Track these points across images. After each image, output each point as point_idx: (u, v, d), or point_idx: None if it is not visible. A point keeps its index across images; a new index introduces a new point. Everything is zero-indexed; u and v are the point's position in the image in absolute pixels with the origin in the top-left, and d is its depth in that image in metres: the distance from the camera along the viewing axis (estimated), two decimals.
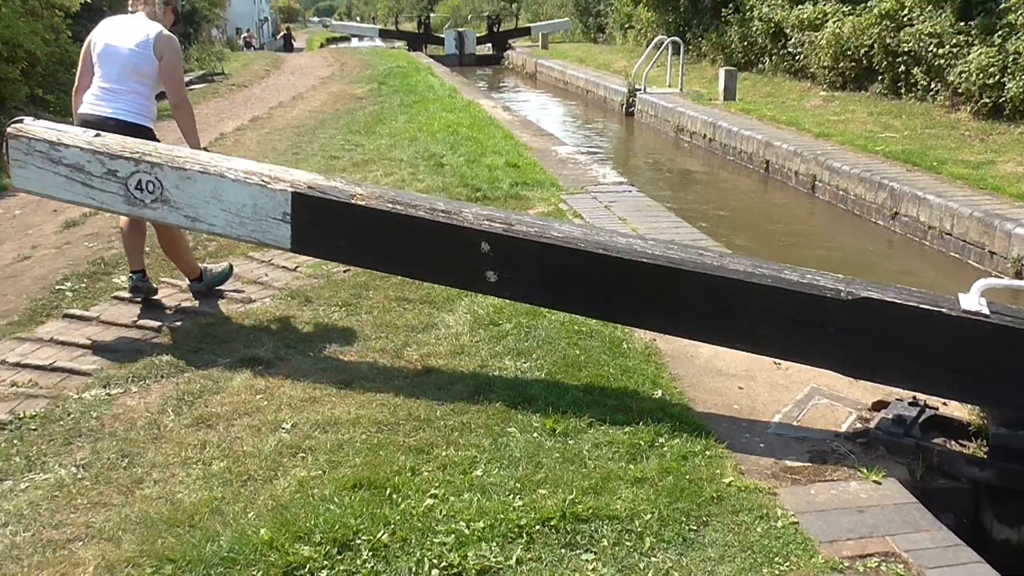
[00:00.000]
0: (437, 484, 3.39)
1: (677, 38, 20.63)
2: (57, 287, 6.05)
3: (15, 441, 3.94)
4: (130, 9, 5.40)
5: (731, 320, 3.84)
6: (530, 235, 4.02)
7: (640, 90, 19.94)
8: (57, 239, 7.65)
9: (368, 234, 4.30)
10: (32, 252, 7.33)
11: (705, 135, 15.76)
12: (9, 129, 4.76)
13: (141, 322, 5.31)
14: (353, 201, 4.23)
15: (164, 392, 4.35)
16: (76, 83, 5.37)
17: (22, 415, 4.17)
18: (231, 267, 5.98)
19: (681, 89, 19.64)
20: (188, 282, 5.76)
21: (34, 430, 4.03)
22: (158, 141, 5.12)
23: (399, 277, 5.43)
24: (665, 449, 3.63)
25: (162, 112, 6.03)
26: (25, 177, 4.75)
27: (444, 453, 3.64)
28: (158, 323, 5.28)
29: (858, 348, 3.69)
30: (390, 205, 4.20)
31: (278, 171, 4.47)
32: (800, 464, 3.59)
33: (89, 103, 5.19)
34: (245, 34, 49.65)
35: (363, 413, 4.02)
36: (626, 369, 4.38)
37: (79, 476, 3.61)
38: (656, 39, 21.42)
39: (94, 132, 4.75)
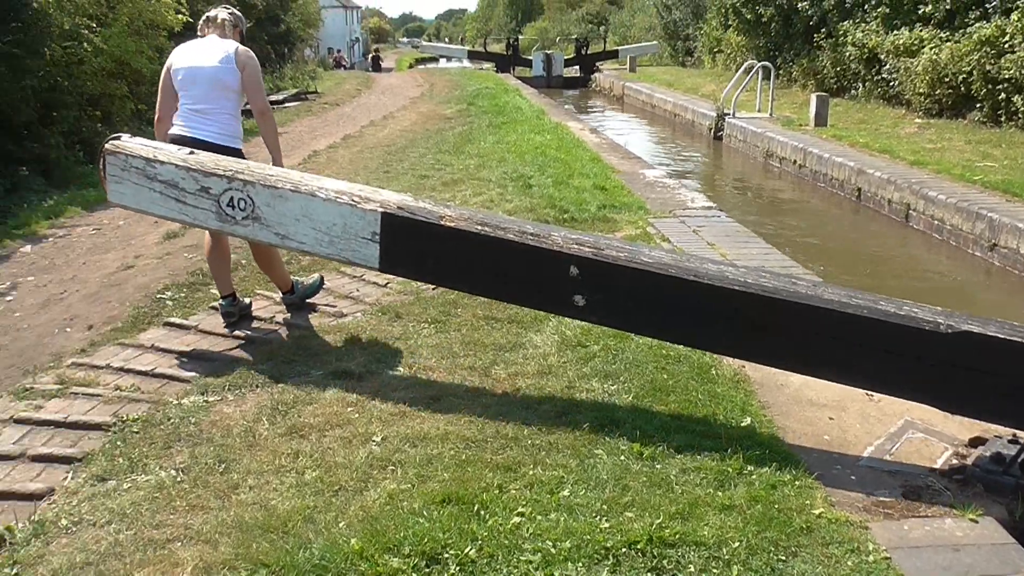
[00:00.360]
0: (524, 502, 3.42)
1: (767, 63, 20.45)
2: (158, 296, 6.28)
3: (118, 443, 4.09)
4: (199, 34, 5.51)
5: (824, 351, 3.76)
6: (620, 260, 3.97)
7: (729, 115, 19.80)
8: (158, 249, 7.93)
9: (456, 255, 4.31)
10: (135, 261, 7.62)
11: (795, 161, 15.56)
12: (107, 145, 4.89)
13: (237, 332, 5.47)
14: (442, 222, 4.23)
15: (259, 401, 4.48)
16: (157, 112, 5.42)
17: (125, 418, 4.33)
18: (322, 279, 6.09)
19: (771, 114, 19.44)
20: (281, 295, 5.86)
21: (136, 433, 4.19)
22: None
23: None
24: (754, 477, 3.59)
25: (250, 131, 6.22)
26: (121, 192, 4.86)
27: (531, 472, 3.66)
28: (253, 334, 5.43)
29: (957, 383, 3.59)
30: (479, 227, 4.20)
31: (368, 191, 4.51)
32: (893, 499, 3.52)
33: (180, 126, 5.26)
34: (336, 54, 50.72)
35: (451, 429, 4.07)
36: (714, 395, 4.35)
37: (178, 479, 3.74)
38: (746, 64, 21.26)
39: (188, 150, 4.85)
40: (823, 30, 22.06)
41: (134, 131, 14.78)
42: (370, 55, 55.26)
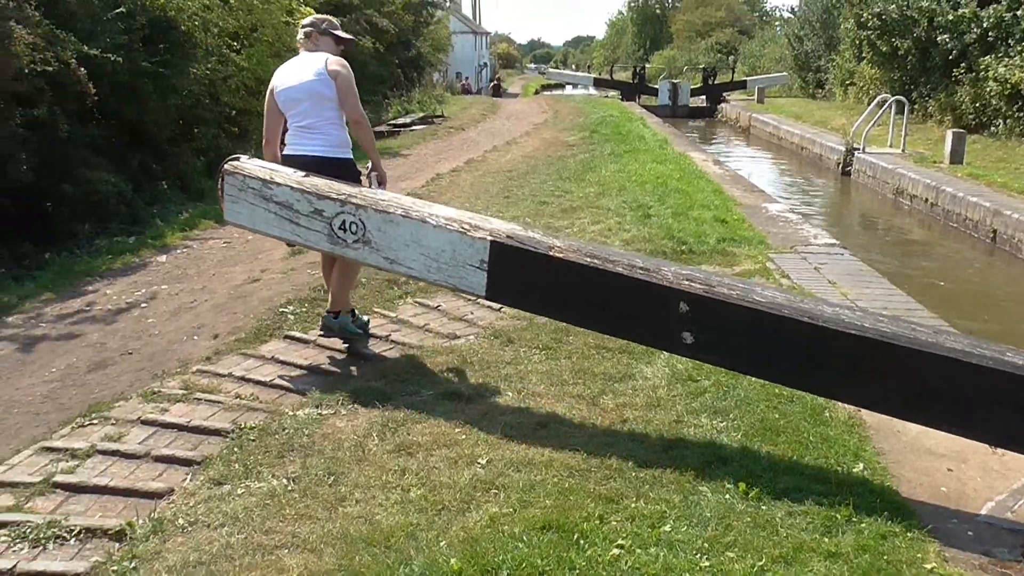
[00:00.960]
0: (624, 535, 3.41)
1: (901, 97, 19.85)
2: (280, 310, 6.51)
3: (235, 449, 4.27)
4: (299, 50, 5.55)
5: (944, 401, 3.61)
6: (732, 298, 3.89)
7: (858, 149, 19.29)
8: (283, 265, 8.22)
9: (563, 287, 4.28)
10: (261, 275, 7.91)
11: (927, 199, 15.04)
12: (226, 166, 5.03)
13: (354, 348, 5.61)
14: (551, 253, 4.22)
15: (370, 417, 4.59)
16: (265, 135, 5.49)
17: (243, 426, 4.52)
18: (368, 323, 5.87)
19: (903, 150, 18.84)
20: (327, 311, 5.69)
21: (252, 440, 4.35)
22: (359, 172, 5.47)
23: None
24: (863, 525, 3.48)
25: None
26: (237, 211, 5.00)
27: (633, 505, 3.65)
28: (369, 351, 5.56)
29: None
30: (588, 259, 4.18)
31: (477, 219, 4.53)
32: (1012, 559, 3.36)
33: (290, 144, 5.37)
34: (464, 81, 51.64)
35: (556, 456, 4.09)
36: (827, 438, 4.24)
37: (289, 488, 3.86)
38: (879, 97, 20.69)
39: (303, 172, 4.94)
40: (963, 64, 21.25)
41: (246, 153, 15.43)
42: (492, 84, 56.03)
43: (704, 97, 41.33)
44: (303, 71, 5.33)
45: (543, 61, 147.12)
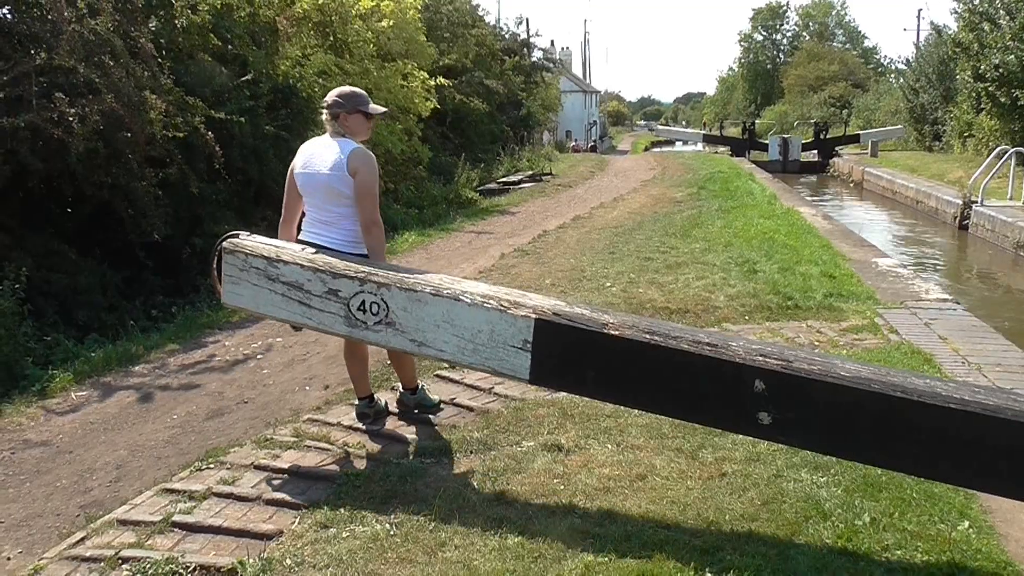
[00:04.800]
0: None
1: (1022, 148, 19.23)
2: (387, 362, 6.70)
3: (342, 495, 4.45)
4: (328, 129, 5.04)
5: None
6: (812, 373, 3.58)
7: (976, 202, 18.74)
8: None
9: (620, 367, 3.94)
10: None
11: None
12: (224, 244, 4.69)
13: (457, 400, 5.76)
14: (605, 331, 3.90)
15: (471, 466, 4.71)
16: (283, 214, 5.16)
17: (349, 472, 4.70)
18: (440, 403, 5.69)
19: None
20: (401, 389, 5.65)
21: (358, 487, 4.52)
22: None
23: None
24: None
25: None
26: (238, 294, 4.67)
27: (728, 558, 3.65)
28: (473, 403, 5.69)
29: None
30: (647, 336, 3.85)
31: (516, 295, 4.23)
32: None
33: (306, 231, 5.00)
34: (575, 143, 52.24)
35: (653, 508, 4.12)
36: (931, 495, 4.15)
37: (391, 532, 4.00)
38: (998, 149, 20.11)
39: (313, 249, 4.69)
40: None
41: (384, 208, 15.93)
42: (590, 145, 56.48)
43: (816, 152, 40.85)
44: (321, 160, 4.88)
45: (653, 118, 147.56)
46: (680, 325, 5.29)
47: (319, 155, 4.90)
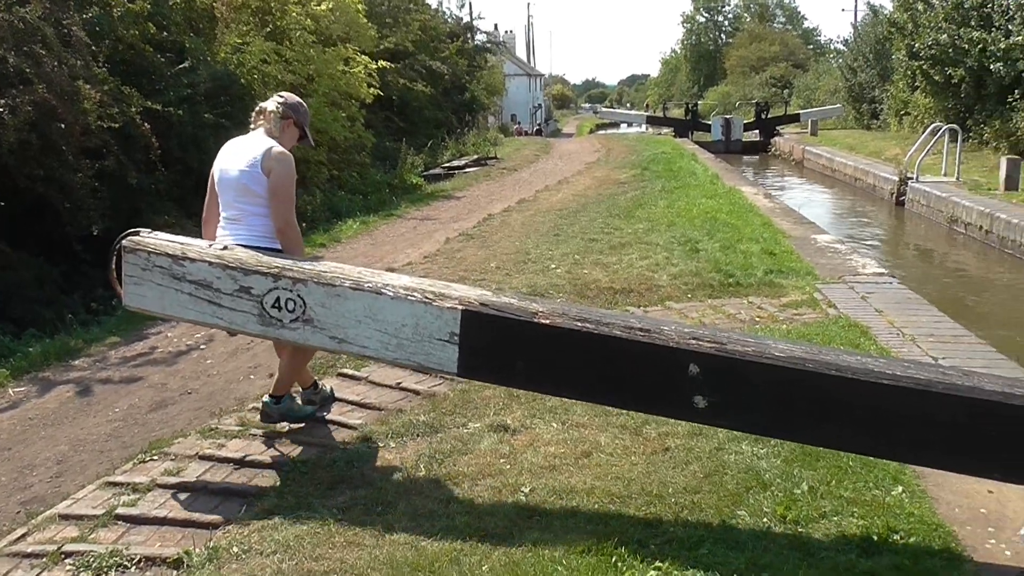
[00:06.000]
0: (662, 557, 3.48)
1: (954, 125, 19.70)
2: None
3: (288, 482, 4.44)
4: (252, 127, 4.92)
5: (987, 447, 3.41)
6: (747, 355, 3.57)
7: (912, 179, 19.16)
8: None
9: (552, 356, 3.86)
10: None
11: (981, 227, 14.86)
12: (124, 242, 4.40)
13: (404, 384, 5.76)
14: (535, 320, 3.81)
15: (418, 449, 4.73)
16: (204, 212, 4.98)
17: (296, 459, 4.69)
18: (313, 414, 5.31)
19: (957, 178, 18.66)
20: (268, 396, 5.16)
21: (305, 473, 4.52)
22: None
23: None
24: (900, 546, 3.52)
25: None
26: (140, 295, 4.38)
27: (672, 529, 3.72)
28: (419, 386, 5.71)
29: None
30: (579, 323, 3.77)
31: (440, 286, 4.10)
32: None
33: (217, 232, 4.79)
34: (517, 126, 52.23)
35: (598, 484, 4.17)
36: (866, 463, 4.24)
37: (338, 517, 4.01)
38: (932, 126, 20.56)
39: (222, 244, 4.46)
40: (1017, 91, 21.05)
41: (329, 195, 15.83)
42: (535, 129, 56.44)
43: (757, 132, 41.30)
44: (239, 156, 4.72)
45: (598, 101, 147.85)
46: (612, 311, 5.33)
47: (239, 153, 4.74)
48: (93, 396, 6.50)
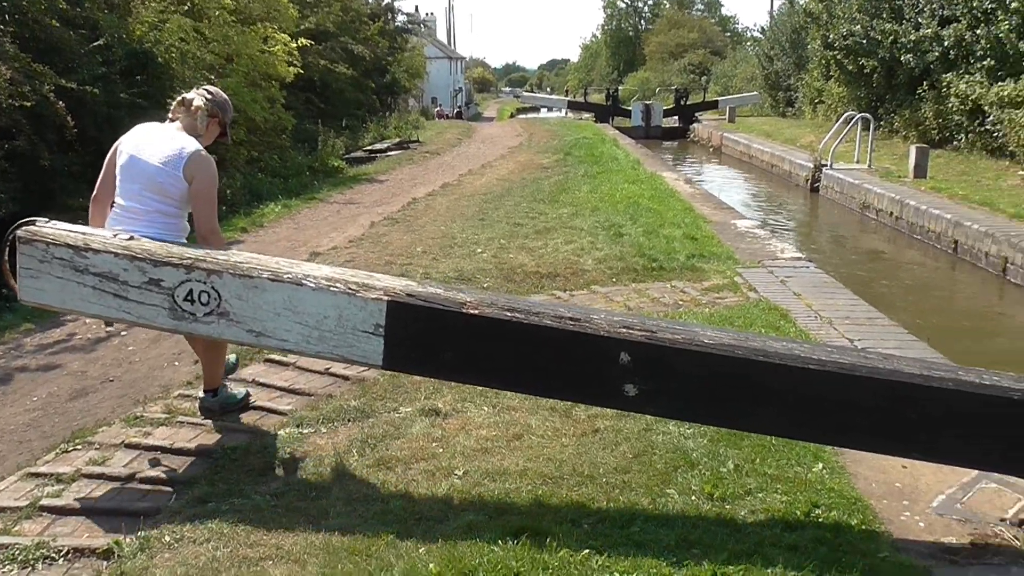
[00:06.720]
0: (595, 536, 3.56)
1: (867, 114, 20.30)
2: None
3: (219, 469, 4.40)
4: (169, 117, 4.70)
5: (907, 428, 3.52)
6: (677, 342, 3.59)
7: (826, 166, 19.67)
8: None
9: (480, 347, 3.81)
10: None
11: (892, 213, 15.37)
12: (20, 232, 4.10)
13: (333, 370, 5.74)
14: (463, 310, 3.75)
15: (350, 434, 4.73)
16: (96, 191, 4.63)
17: (226, 446, 4.65)
18: (248, 395, 5.27)
19: (869, 165, 19.24)
20: (202, 392, 5.12)
21: (235, 460, 4.49)
22: None
23: None
24: (821, 520, 3.68)
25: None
26: (38, 289, 4.08)
27: (604, 508, 3.81)
28: (348, 372, 5.70)
29: None
30: (508, 313, 3.73)
31: (362, 276, 3.99)
32: (960, 545, 3.56)
33: (111, 220, 4.50)
34: (439, 108, 52.02)
35: (530, 466, 4.24)
36: (788, 442, 4.38)
37: (272, 503, 4.00)
38: (845, 114, 21.13)
39: (128, 234, 4.17)
40: (926, 82, 21.79)
41: (249, 178, 15.55)
42: (456, 110, 56.32)
43: (677, 118, 41.83)
44: (157, 149, 4.46)
45: (518, 85, 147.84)
46: (541, 300, 5.37)
47: (157, 144, 4.47)
48: (8, 385, 6.32)
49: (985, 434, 3.47)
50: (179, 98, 4.72)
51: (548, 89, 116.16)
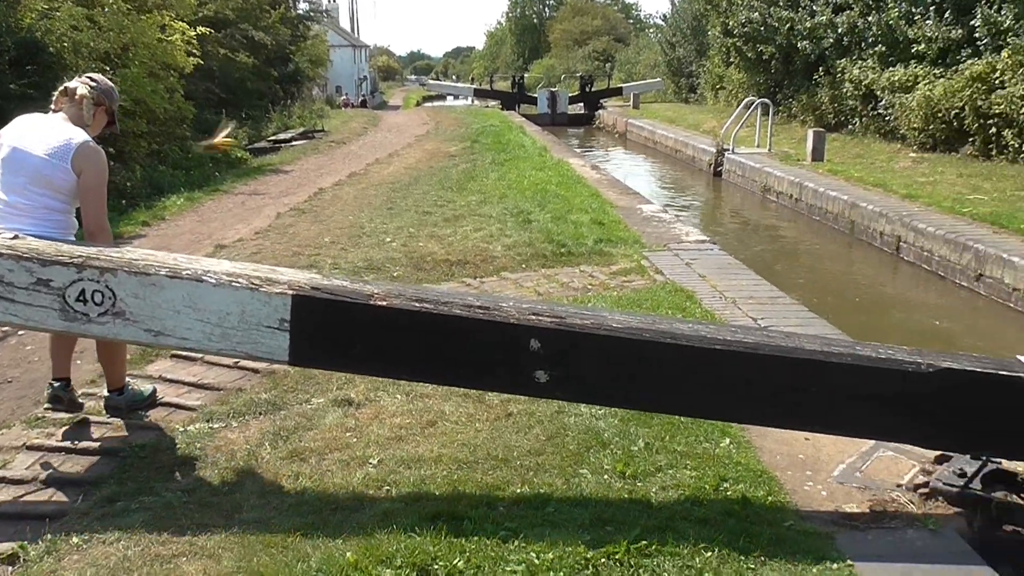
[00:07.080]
0: (511, 518, 3.61)
1: (767, 99, 20.83)
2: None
3: (127, 467, 4.31)
4: (52, 108, 4.51)
5: (810, 404, 3.64)
6: (586, 328, 3.63)
7: (728, 150, 20.11)
8: None
9: (389, 339, 3.78)
10: None
11: (791, 195, 15.82)
12: None
13: (242, 364, 5.66)
14: (371, 302, 3.70)
15: (262, 427, 4.69)
16: None
17: (134, 444, 4.55)
18: (155, 391, 5.17)
19: (769, 149, 19.75)
20: (107, 392, 4.98)
21: (144, 458, 4.40)
22: None
23: None
24: (729, 493, 3.81)
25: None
26: None
27: (519, 490, 3.86)
28: (258, 365, 5.62)
29: (941, 420, 3.62)
30: (416, 304, 3.71)
31: (265, 270, 3.91)
32: (860, 511, 3.72)
33: None
34: (344, 97, 51.45)
35: (445, 452, 4.27)
36: (697, 419, 4.53)
37: (184, 500, 3.94)
38: (746, 100, 21.64)
39: (12, 233, 3.98)
40: (822, 68, 22.47)
41: (150, 171, 15.15)
42: (360, 99, 55.77)
43: (582, 105, 42.21)
44: (40, 140, 4.26)
45: (423, 73, 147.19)
46: (450, 290, 5.38)
47: (41, 134, 4.28)
48: None
49: (882, 405, 3.63)
50: (61, 87, 4.52)
51: (454, 77, 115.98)
